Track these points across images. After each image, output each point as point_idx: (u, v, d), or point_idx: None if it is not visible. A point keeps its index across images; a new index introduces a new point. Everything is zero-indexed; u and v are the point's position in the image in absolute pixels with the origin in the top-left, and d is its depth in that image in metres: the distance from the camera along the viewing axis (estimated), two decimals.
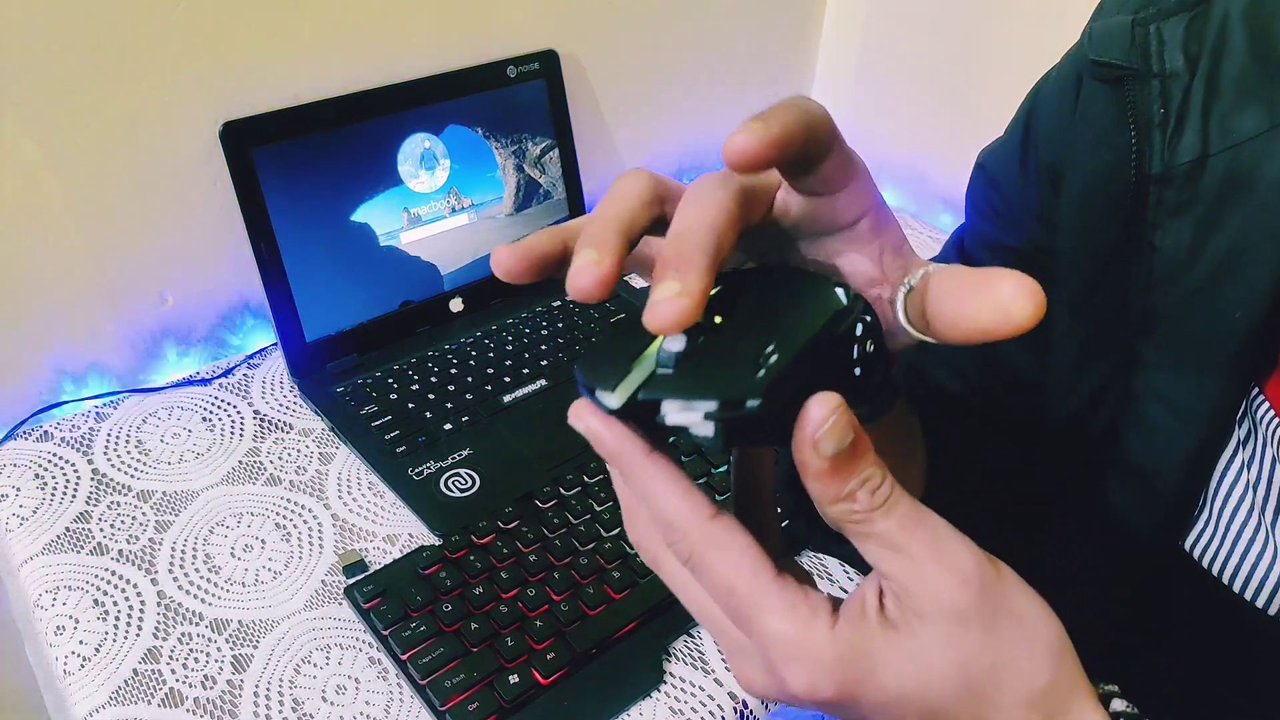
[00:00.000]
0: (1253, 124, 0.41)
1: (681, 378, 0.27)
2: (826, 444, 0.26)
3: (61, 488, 0.75)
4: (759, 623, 0.28)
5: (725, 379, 0.26)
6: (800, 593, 0.29)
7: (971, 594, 0.28)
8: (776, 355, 0.26)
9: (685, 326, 0.26)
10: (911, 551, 0.28)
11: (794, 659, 0.28)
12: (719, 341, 0.28)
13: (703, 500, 0.29)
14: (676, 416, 0.26)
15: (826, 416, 0.26)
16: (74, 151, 0.76)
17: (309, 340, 0.86)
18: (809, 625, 0.28)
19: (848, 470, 0.27)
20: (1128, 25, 0.44)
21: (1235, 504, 0.45)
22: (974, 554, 0.28)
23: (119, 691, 0.61)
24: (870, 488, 0.27)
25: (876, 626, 0.28)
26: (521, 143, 0.95)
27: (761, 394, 0.25)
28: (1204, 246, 0.43)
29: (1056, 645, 0.29)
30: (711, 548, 0.29)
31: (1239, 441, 0.45)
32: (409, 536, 0.73)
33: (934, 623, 0.28)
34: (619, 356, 0.28)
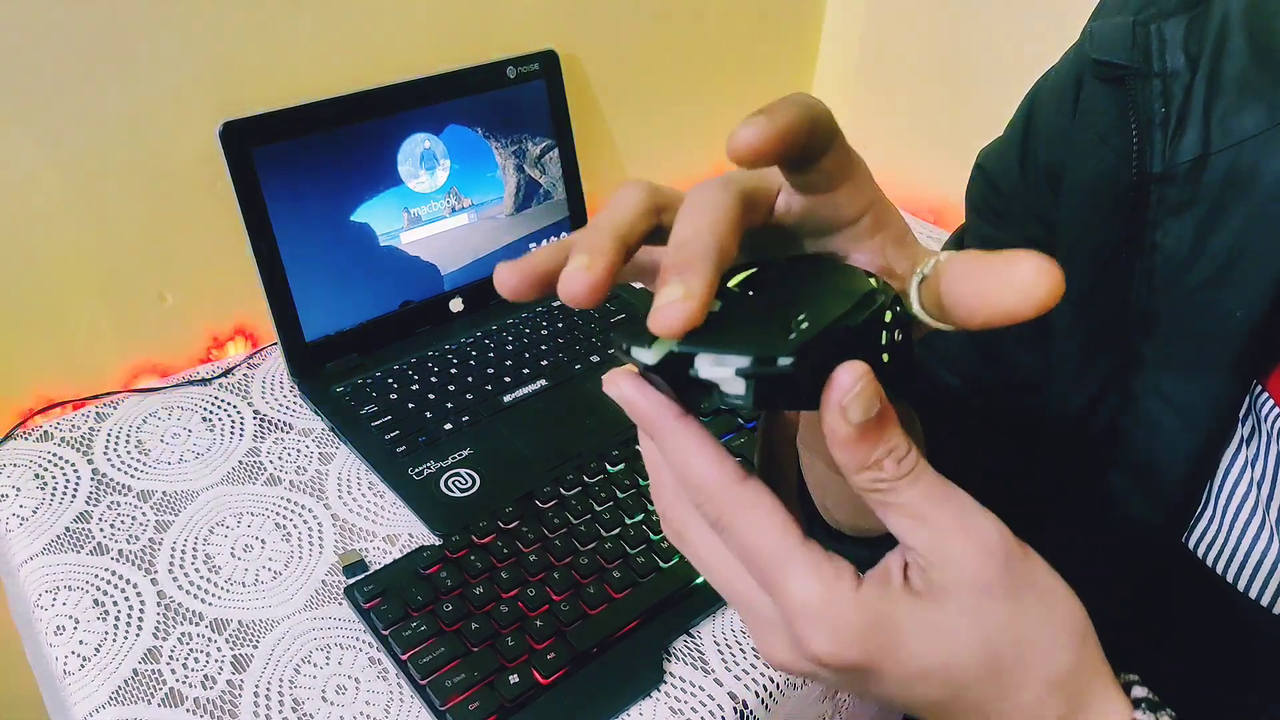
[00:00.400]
0: (1253, 122, 0.42)
1: (717, 333, 0.27)
2: (855, 409, 0.26)
3: (61, 488, 0.75)
4: (784, 585, 0.28)
5: (759, 338, 0.27)
6: (825, 556, 0.29)
7: (996, 566, 0.28)
8: (808, 323, 0.27)
9: (689, 329, 0.26)
10: (936, 522, 0.28)
11: (818, 621, 0.28)
12: (754, 308, 0.29)
13: (732, 464, 0.29)
14: (709, 370, 0.27)
15: (855, 382, 0.26)
16: (74, 151, 0.76)
17: (309, 340, 0.86)
18: (834, 588, 0.28)
19: (874, 438, 0.27)
20: (1129, 25, 0.44)
21: (1239, 501, 0.45)
22: (999, 528, 0.28)
23: (119, 691, 0.61)
24: (896, 456, 0.27)
25: (901, 596, 0.28)
26: (521, 143, 0.95)
27: (794, 353, 0.26)
28: (1205, 245, 0.43)
29: (1080, 627, 0.29)
30: (741, 509, 0.29)
31: (1242, 439, 0.45)
32: (409, 536, 0.73)
33: (958, 595, 0.28)
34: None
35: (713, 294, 0.27)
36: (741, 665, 0.65)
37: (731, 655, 0.65)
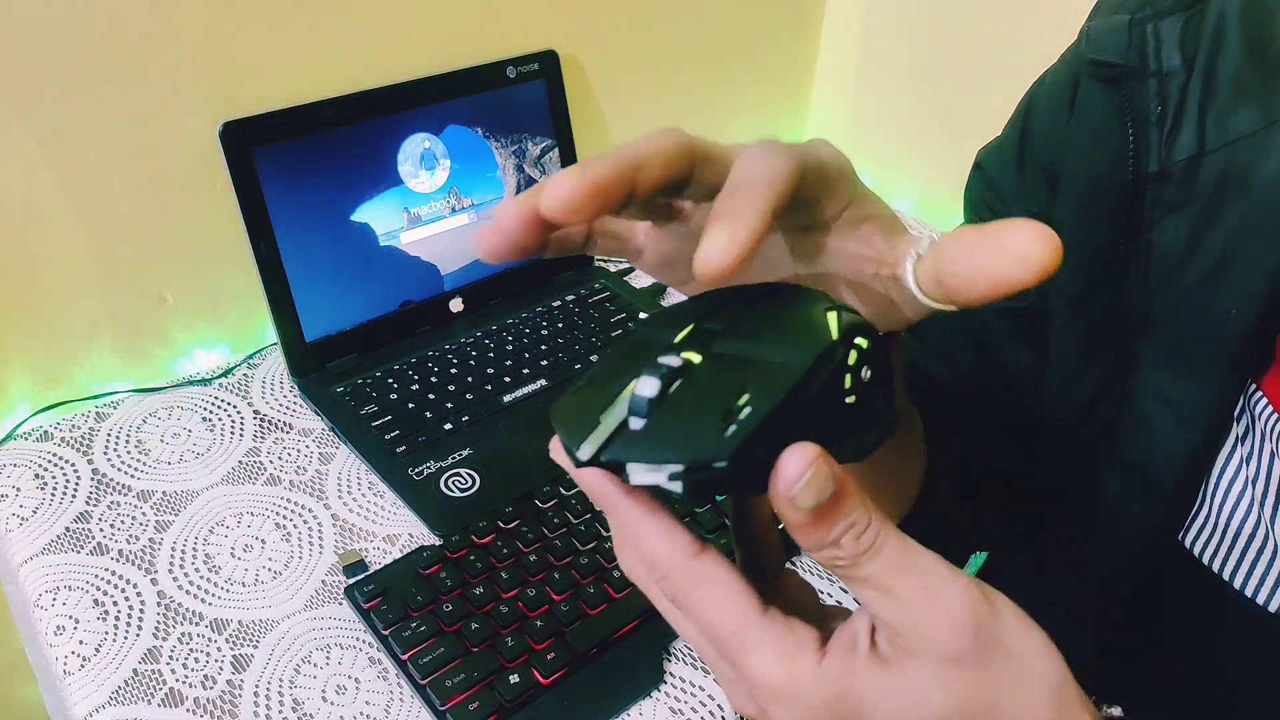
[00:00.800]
0: (1248, 122, 0.42)
1: (647, 436, 0.26)
2: (805, 498, 0.25)
3: (61, 488, 0.75)
4: (744, 663, 0.28)
5: (692, 438, 0.25)
6: (787, 627, 0.28)
7: (965, 637, 0.27)
8: (750, 408, 0.25)
9: (727, 278, 0.26)
10: (901, 594, 0.27)
11: (780, 699, 0.28)
12: (693, 386, 0.27)
13: (685, 538, 0.28)
14: (642, 476, 0.26)
15: (802, 472, 0.25)
16: (74, 151, 0.76)
17: (309, 340, 0.86)
18: (794, 665, 0.27)
19: (830, 519, 0.26)
20: (1125, 25, 0.45)
21: (1235, 500, 0.45)
22: (966, 593, 0.27)
23: (119, 691, 0.61)
24: (855, 533, 0.26)
25: (868, 663, 0.28)
26: (521, 143, 0.95)
27: (729, 456, 0.24)
28: (1201, 244, 0.43)
29: (1054, 681, 0.28)
30: (695, 586, 0.28)
31: (1237, 438, 0.45)
32: (409, 536, 0.73)
33: (926, 664, 0.27)
34: (592, 403, 0.28)
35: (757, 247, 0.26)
36: None
37: None
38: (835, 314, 0.28)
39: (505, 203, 0.29)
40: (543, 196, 0.27)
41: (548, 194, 0.27)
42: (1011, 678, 0.28)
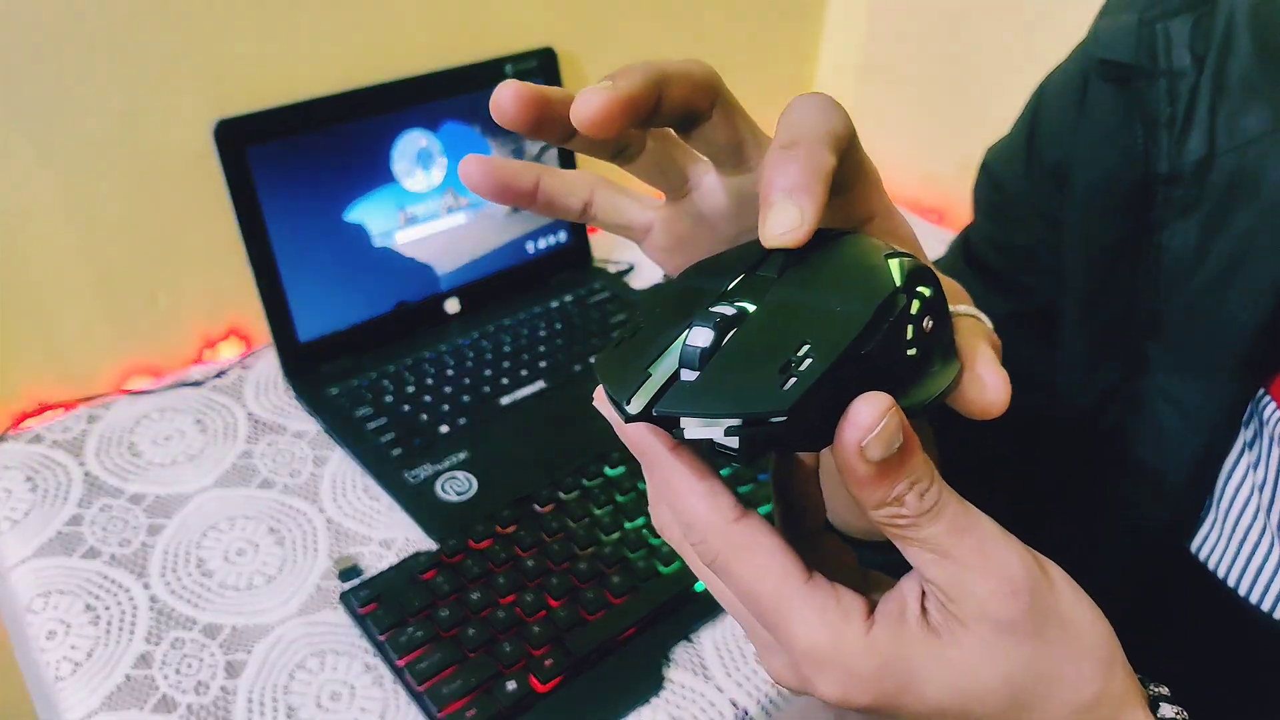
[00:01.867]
0: (1259, 124, 0.41)
1: (702, 388, 0.25)
2: (874, 450, 0.24)
3: (53, 491, 0.74)
4: (787, 630, 0.27)
5: (750, 390, 0.24)
6: (832, 595, 0.27)
7: (1020, 604, 0.26)
8: (811, 359, 0.24)
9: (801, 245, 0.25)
10: (959, 558, 0.26)
11: (825, 667, 0.27)
12: (749, 336, 0.25)
13: (728, 500, 0.27)
14: (696, 431, 0.24)
15: (875, 422, 0.24)
16: (66, 150, 0.76)
17: (303, 341, 0.85)
18: (841, 633, 0.27)
19: (895, 474, 0.25)
20: (1134, 24, 0.44)
21: (1241, 506, 0.45)
22: (1023, 560, 0.27)
23: (111, 697, 0.60)
24: (919, 491, 0.26)
25: (917, 632, 0.27)
26: (519, 141, 0.94)
27: (789, 409, 0.23)
28: (1211, 246, 0.43)
29: (1105, 653, 0.28)
30: (736, 552, 0.27)
31: (1245, 443, 0.45)
32: (405, 541, 0.72)
33: (979, 632, 0.27)
34: (639, 354, 0.26)
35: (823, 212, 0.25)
36: (743, 671, 0.64)
37: (732, 661, 0.64)
38: (897, 260, 0.26)
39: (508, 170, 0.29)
40: (574, 107, 0.26)
41: (579, 103, 0.26)
42: (1063, 649, 0.27)
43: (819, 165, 0.26)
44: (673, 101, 0.27)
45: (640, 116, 0.27)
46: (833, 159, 0.26)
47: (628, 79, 0.26)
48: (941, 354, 0.27)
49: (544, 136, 0.28)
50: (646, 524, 0.72)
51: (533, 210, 0.32)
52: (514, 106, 0.27)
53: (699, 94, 0.28)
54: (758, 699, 0.63)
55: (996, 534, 0.27)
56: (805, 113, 0.27)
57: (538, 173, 0.32)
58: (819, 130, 0.27)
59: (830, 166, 0.26)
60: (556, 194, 0.32)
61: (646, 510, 0.73)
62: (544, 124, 0.28)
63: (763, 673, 0.64)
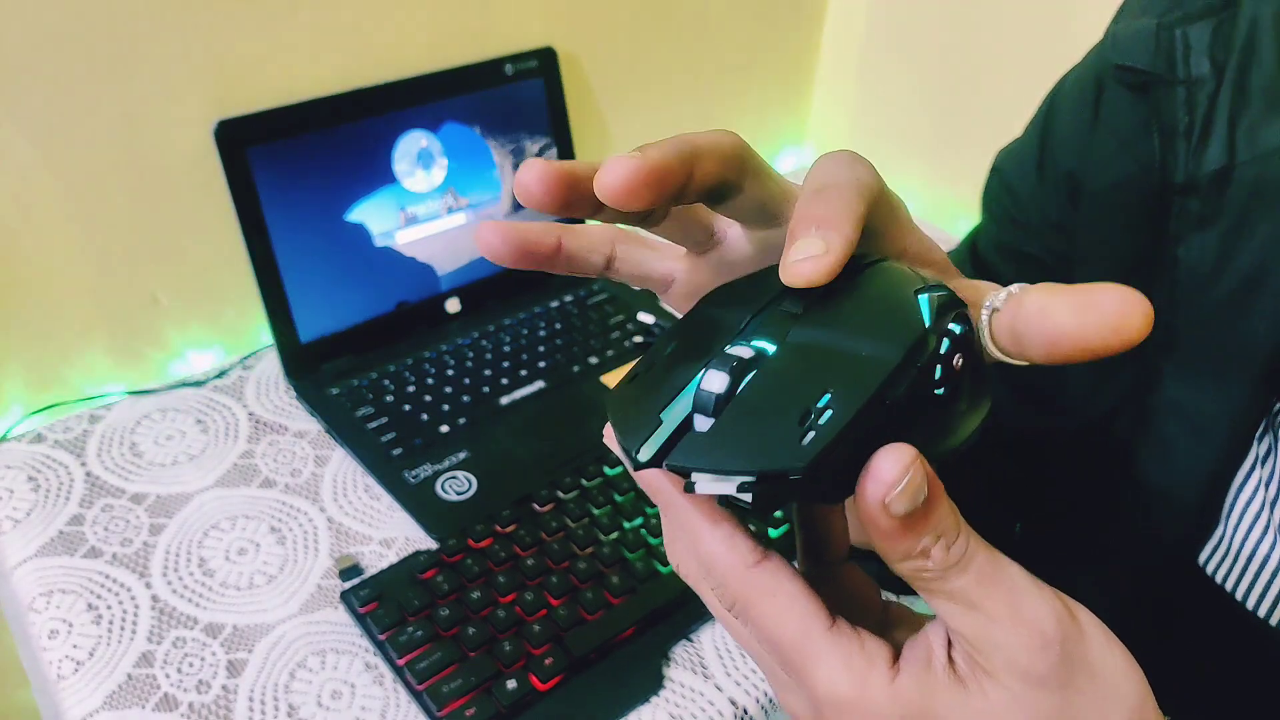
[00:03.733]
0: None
1: (715, 440, 0.23)
2: (898, 505, 0.23)
3: (55, 490, 0.74)
4: (810, 677, 0.26)
5: (766, 444, 0.23)
6: (856, 641, 0.26)
7: (1050, 657, 0.25)
8: (832, 411, 0.22)
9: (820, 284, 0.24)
10: (987, 609, 0.25)
11: (848, 716, 0.26)
12: (767, 382, 0.24)
13: (747, 544, 0.26)
14: (709, 487, 0.23)
15: (899, 477, 0.23)
16: (67, 151, 0.76)
17: (304, 341, 0.85)
18: (865, 680, 0.26)
19: (920, 528, 0.24)
20: (1153, 29, 0.43)
21: (1250, 521, 0.44)
22: (1054, 609, 0.26)
23: (113, 696, 0.60)
24: (946, 543, 0.24)
25: (944, 681, 0.26)
26: (519, 141, 0.94)
27: (806, 467, 0.22)
28: (1230, 261, 0.42)
29: (1136, 703, 0.27)
30: (756, 597, 0.26)
31: (1257, 458, 0.44)
32: (405, 540, 0.72)
33: (1006, 683, 0.26)
34: (651, 397, 0.25)
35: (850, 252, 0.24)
36: (742, 670, 0.64)
37: (732, 660, 0.65)
38: (928, 296, 0.25)
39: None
40: (599, 177, 0.24)
41: (604, 173, 0.24)
42: (1093, 700, 0.26)
43: (849, 205, 0.25)
44: (705, 177, 0.26)
45: (669, 192, 0.25)
46: (862, 205, 0.26)
47: (658, 149, 0.25)
48: (970, 393, 0.26)
49: (573, 213, 0.27)
50: (645, 524, 0.72)
51: (553, 270, 0.31)
52: (540, 187, 0.26)
53: (730, 168, 0.27)
54: (757, 698, 0.63)
55: (1026, 584, 0.26)
56: (833, 164, 0.27)
57: (558, 233, 0.30)
58: (847, 178, 0.26)
59: (860, 211, 0.25)
60: (578, 253, 0.31)
61: (646, 510, 0.73)
62: (573, 202, 0.26)
63: (762, 672, 0.64)
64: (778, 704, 0.30)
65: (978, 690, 0.26)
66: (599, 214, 0.28)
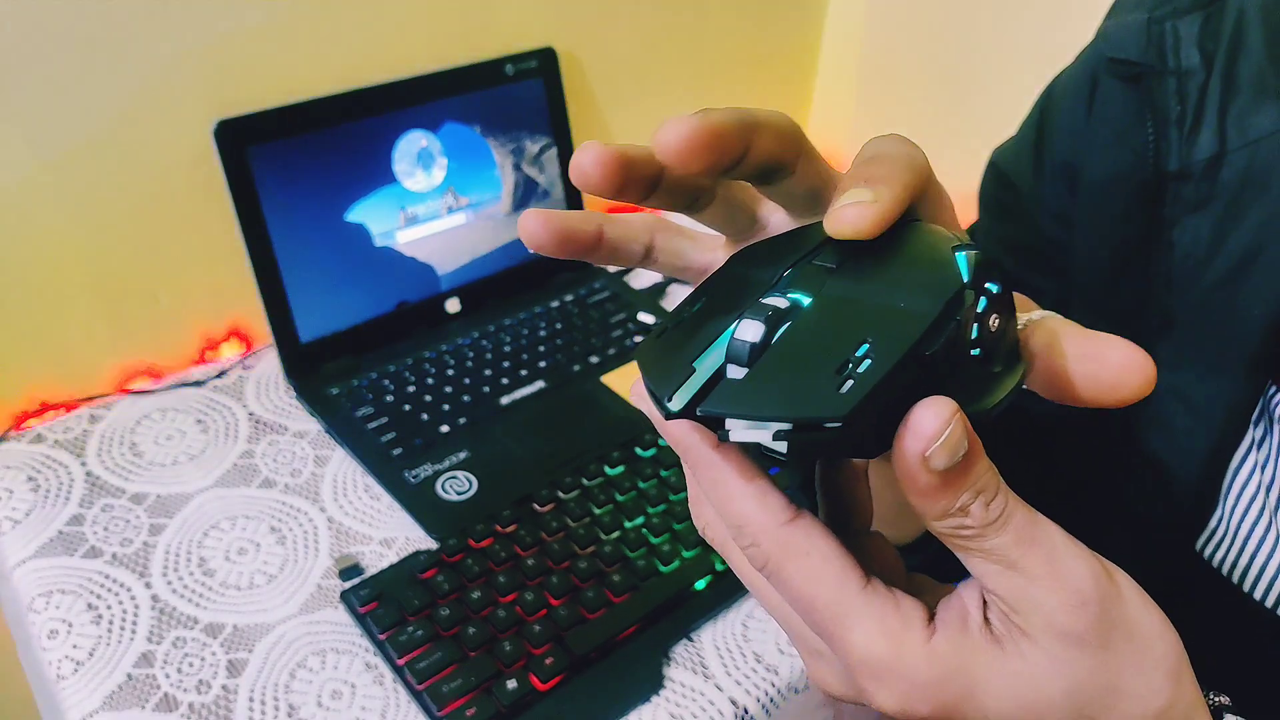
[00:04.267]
0: (1270, 121, 0.42)
1: (751, 388, 0.23)
2: (938, 459, 0.23)
3: (55, 490, 0.74)
4: (844, 639, 0.26)
5: (803, 392, 0.22)
6: (891, 601, 0.26)
7: (1088, 616, 0.25)
8: (871, 360, 0.22)
9: (866, 236, 0.23)
10: (1026, 569, 0.25)
11: (884, 677, 0.26)
12: (803, 332, 0.23)
13: (779, 501, 0.26)
14: (743, 435, 0.23)
15: (940, 430, 0.22)
16: (66, 150, 0.76)
17: (304, 341, 0.85)
18: (901, 642, 0.25)
19: (959, 483, 0.23)
20: (1144, 23, 0.44)
21: (1247, 504, 0.45)
22: (1092, 570, 0.26)
23: (113, 696, 0.60)
24: (985, 500, 0.24)
25: (980, 642, 0.26)
26: (519, 141, 0.94)
27: (846, 415, 0.21)
28: (1223, 243, 0.43)
29: (1174, 664, 0.27)
30: (789, 556, 0.26)
31: (1254, 442, 0.45)
32: (405, 540, 0.72)
33: (1044, 644, 0.25)
34: (684, 348, 0.24)
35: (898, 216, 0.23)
36: (742, 670, 0.64)
37: (732, 660, 0.65)
38: (965, 254, 0.25)
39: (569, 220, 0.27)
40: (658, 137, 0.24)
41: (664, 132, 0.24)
42: (1132, 660, 0.26)
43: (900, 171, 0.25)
44: (760, 152, 0.26)
45: (727, 160, 0.25)
46: (913, 176, 0.26)
47: (719, 113, 0.25)
48: (1006, 355, 0.26)
49: (625, 197, 0.27)
50: (646, 523, 0.72)
51: (594, 260, 0.30)
52: (598, 170, 0.25)
53: (787, 146, 0.27)
54: (757, 698, 0.63)
55: (1065, 544, 0.26)
56: (885, 141, 0.27)
57: (599, 221, 0.30)
58: (900, 152, 0.27)
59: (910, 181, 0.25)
60: (619, 242, 0.31)
61: (647, 509, 0.73)
62: (627, 185, 0.26)
63: (763, 671, 0.64)
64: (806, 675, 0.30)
65: (1015, 651, 0.26)
66: (650, 197, 0.28)
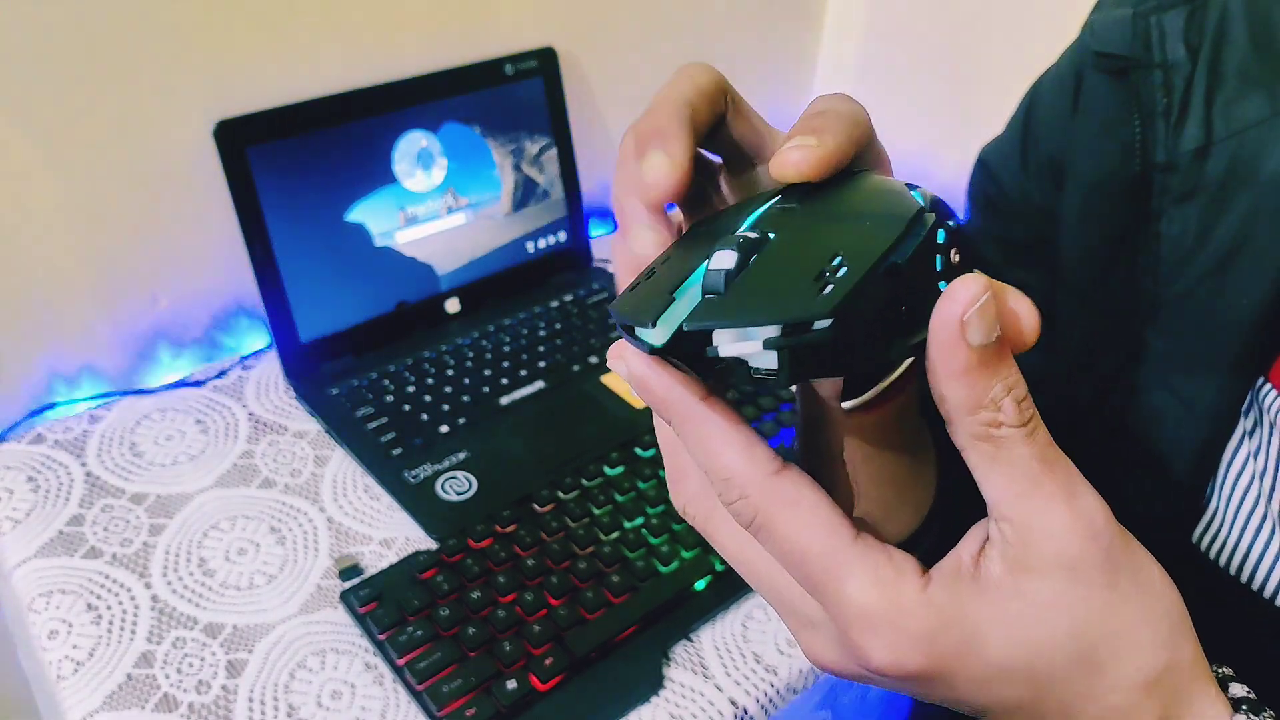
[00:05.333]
0: (1255, 111, 0.42)
1: (734, 300, 0.23)
2: (976, 329, 0.22)
3: (55, 491, 0.74)
4: (837, 591, 0.25)
5: (787, 298, 0.22)
6: (884, 553, 0.25)
7: (1099, 549, 0.25)
8: (847, 267, 0.22)
9: (811, 177, 0.24)
10: (1045, 489, 0.24)
11: (878, 630, 0.25)
12: (776, 257, 0.24)
13: (767, 452, 0.26)
14: (731, 347, 0.22)
15: (976, 297, 0.22)
16: (67, 151, 0.76)
17: (304, 341, 0.85)
18: (896, 591, 0.25)
19: (994, 367, 0.23)
20: (1129, 17, 0.45)
21: (1241, 494, 0.45)
22: (1104, 508, 0.25)
23: (112, 696, 0.60)
24: (1016, 396, 0.24)
25: (976, 588, 0.25)
26: (519, 141, 0.94)
27: (832, 311, 0.21)
28: (1210, 234, 0.43)
29: (1178, 618, 0.26)
30: (779, 506, 0.25)
31: (1245, 432, 0.45)
32: (405, 540, 0.72)
33: (1049, 578, 0.25)
34: (659, 288, 0.24)
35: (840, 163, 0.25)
36: (742, 670, 0.64)
37: (732, 660, 0.65)
38: (919, 190, 0.25)
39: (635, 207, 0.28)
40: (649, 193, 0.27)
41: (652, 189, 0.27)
42: (1137, 607, 0.26)
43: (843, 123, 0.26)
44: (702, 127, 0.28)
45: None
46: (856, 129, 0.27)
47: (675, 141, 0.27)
48: None
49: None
50: (646, 523, 0.72)
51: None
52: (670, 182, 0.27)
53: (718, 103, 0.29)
54: (757, 698, 0.63)
55: (1080, 477, 0.25)
56: (830, 98, 0.28)
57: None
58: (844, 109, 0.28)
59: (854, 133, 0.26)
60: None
61: (646, 509, 0.73)
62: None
63: (762, 671, 0.64)
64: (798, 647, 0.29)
65: (1014, 591, 0.25)
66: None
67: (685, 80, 0.29)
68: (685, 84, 0.28)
